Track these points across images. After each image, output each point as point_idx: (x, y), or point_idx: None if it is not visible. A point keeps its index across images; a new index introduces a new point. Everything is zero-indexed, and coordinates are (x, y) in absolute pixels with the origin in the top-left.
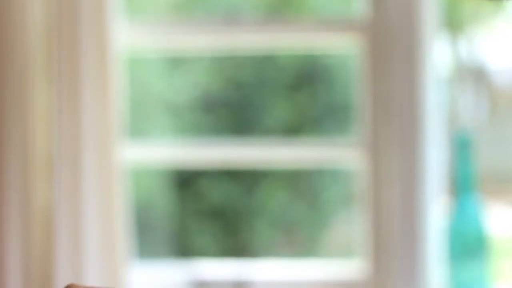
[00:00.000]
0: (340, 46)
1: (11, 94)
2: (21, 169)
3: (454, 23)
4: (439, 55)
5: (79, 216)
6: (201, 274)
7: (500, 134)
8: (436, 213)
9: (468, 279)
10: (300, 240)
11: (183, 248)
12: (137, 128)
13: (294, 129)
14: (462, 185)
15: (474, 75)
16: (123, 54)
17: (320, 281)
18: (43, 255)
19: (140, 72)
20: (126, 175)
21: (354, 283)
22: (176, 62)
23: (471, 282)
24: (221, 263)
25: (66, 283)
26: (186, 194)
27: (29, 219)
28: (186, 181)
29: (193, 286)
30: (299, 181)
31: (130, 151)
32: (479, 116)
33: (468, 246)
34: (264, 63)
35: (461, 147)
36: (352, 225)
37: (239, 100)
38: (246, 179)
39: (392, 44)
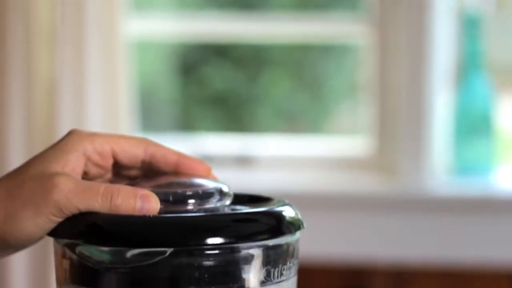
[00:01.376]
0: None
1: None
2: (23, 41)
3: None
4: None
5: (83, 89)
6: (205, 148)
7: (506, 27)
8: (443, 92)
9: (473, 158)
10: (303, 128)
11: (186, 131)
12: (140, 6)
13: (300, 10)
14: (470, 63)
15: None
16: None
17: (324, 157)
18: (45, 129)
19: None
20: (130, 49)
21: (359, 160)
22: None
23: (476, 161)
24: (225, 138)
25: None
26: (189, 80)
27: (31, 92)
28: (189, 68)
29: None
30: (303, 70)
31: (133, 26)
32: (486, 7)
33: (474, 125)
34: None
35: (469, 25)
36: (357, 115)
37: None
38: (249, 67)
39: None
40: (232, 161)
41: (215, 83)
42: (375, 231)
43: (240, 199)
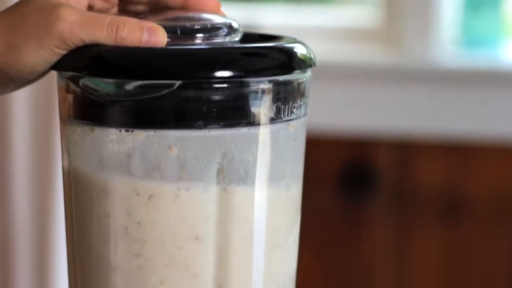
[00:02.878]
0: None
1: None
2: None
3: None
4: None
5: None
6: None
7: None
8: None
9: (482, 30)
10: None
11: None
12: None
13: None
14: None
15: None
16: None
17: (330, 27)
18: None
19: None
20: None
21: (365, 30)
22: None
23: (484, 33)
24: (230, 8)
25: None
26: None
27: None
28: None
29: None
30: None
31: None
32: None
33: None
34: None
35: None
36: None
37: None
38: None
39: None
40: None
41: None
42: (380, 102)
43: (250, 37)
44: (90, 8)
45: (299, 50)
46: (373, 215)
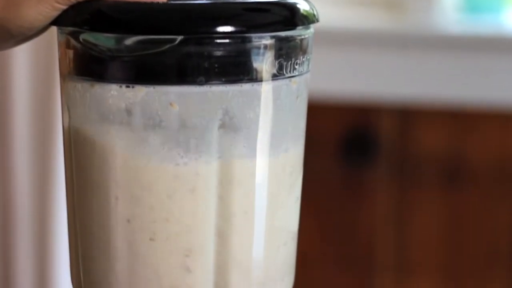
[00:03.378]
0: None
1: None
2: None
3: None
4: None
5: None
6: None
7: None
8: None
9: (483, 1)
10: None
11: None
12: None
13: None
14: None
15: None
16: None
17: None
18: None
19: None
20: None
21: None
22: None
23: (486, 4)
24: None
25: None
26: None
27: None
28: None
29: None
30: None
31: None
32: None
33: None
34: None
35: None
36: None
37: None
38: None
39: None
40: None
41: None
42: (382, 68)
43: None
44: None
45: (302, 6)
46: (374, 182)
